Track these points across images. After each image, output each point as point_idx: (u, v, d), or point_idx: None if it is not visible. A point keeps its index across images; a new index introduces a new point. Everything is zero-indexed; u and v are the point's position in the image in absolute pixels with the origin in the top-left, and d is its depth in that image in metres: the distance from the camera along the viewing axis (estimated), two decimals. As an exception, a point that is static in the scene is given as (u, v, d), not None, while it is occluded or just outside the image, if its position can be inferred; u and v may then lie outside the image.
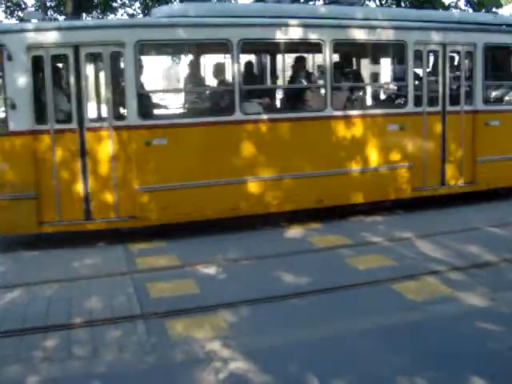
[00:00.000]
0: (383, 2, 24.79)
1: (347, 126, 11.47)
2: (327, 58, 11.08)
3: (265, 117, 10.93)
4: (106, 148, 9.86)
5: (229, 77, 10.88)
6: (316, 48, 11.62)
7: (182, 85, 12.30)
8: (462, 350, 5.78)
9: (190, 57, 13.50)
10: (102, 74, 10.42)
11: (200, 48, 12.21)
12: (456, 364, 5.45)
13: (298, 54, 12.64)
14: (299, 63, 12.34)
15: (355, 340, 6.08)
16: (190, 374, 5.41)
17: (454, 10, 22.66)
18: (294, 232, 10.84)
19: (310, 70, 13.07)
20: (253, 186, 10.79)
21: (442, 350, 5.77)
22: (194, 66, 12.75)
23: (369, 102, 12.97)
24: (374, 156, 11.72)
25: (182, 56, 13.67)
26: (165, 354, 5.99)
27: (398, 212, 12.24)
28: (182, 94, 12.32)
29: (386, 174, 11.87)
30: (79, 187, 9.81)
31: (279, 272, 8.43)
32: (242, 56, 10.71)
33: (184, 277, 8.37)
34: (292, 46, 12.24)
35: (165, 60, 13.16)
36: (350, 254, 9.31)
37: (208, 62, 12.78)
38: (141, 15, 23.80)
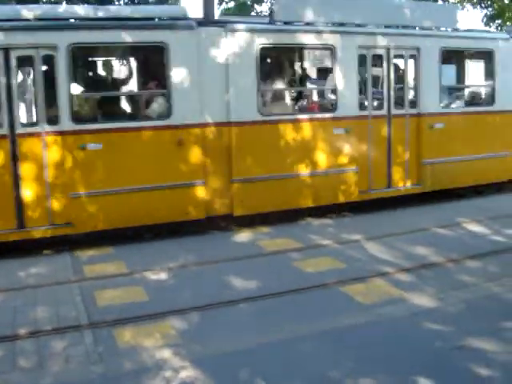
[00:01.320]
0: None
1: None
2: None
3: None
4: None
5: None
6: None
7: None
8: (409, 351, 5.85)
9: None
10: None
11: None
12: (404, 365, 5.51)
13: None
14: None
15: (304, 344, 6.08)
16: (138, 383, 5.33)
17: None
18: (244, 236, 10.82)
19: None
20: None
21: (390, 351, 5.83)
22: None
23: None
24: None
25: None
26: (113, 363, 5.89)
27: (347, 214, 12.34)
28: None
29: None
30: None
31: (228, 277, 8.39)
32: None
33: (132, 284, 8.26)
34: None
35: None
36: (299, 257, 9.33)
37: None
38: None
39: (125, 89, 12.26)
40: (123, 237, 10.40)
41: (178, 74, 10.36)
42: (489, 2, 21.74)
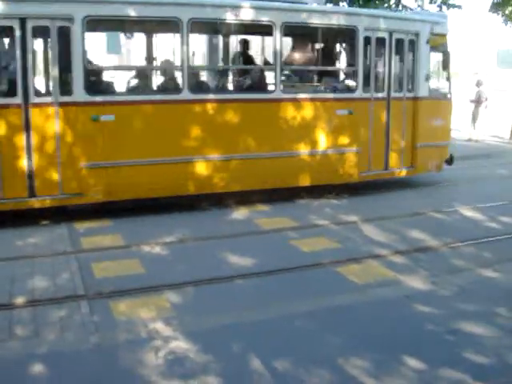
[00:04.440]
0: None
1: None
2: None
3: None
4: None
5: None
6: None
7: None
8: (401, 332, 5.91)
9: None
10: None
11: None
12: (395, 346, 5.57)
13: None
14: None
15: (298, 321, 6.14)
16: (131, 353, 5.39)
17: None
18: (241, 213, 10.88)
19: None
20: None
21: (382, 332, 5.89)
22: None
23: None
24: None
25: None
26: (108, 333, 5.96)
27: (345, 196, 12.39)
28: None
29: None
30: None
31: (225, 253, 8.45)
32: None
33: (129, 257, 8.33)
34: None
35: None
36: (295, 236, 9.39)
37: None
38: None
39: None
40: (121, 210, 10.45)
41: None
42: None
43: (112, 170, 10.12)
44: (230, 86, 13.08)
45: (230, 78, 13.26)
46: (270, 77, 11.83)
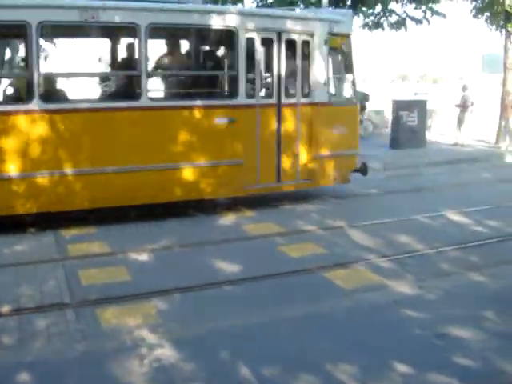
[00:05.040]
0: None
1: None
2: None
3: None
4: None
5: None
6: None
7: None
8: (389, 337, 5.91)
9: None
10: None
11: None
12: (383, 351, 5.56)
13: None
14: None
15: (285, 327, 6.13)
16: (118, 361, 5.36)
17: None
18: (228, 219, 10.87)
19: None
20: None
21: (369, 337, 5.88)
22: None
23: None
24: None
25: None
26: (94, 341, 5.93)
27: (331, 201, 12.41)
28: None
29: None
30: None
31: (212, 259, 8.44)
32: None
33: (116, 264, 8.29)
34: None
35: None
36: (282, 242, 9.39)
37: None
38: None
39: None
40: (106, 217, 10.40)
41: None
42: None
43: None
44: (92, 94, 11.64)
45: (91, 84, 12.24)
46: (137, 83, 10.47)
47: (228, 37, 11.36)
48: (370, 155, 18.23)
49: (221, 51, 12.71)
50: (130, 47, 10.93)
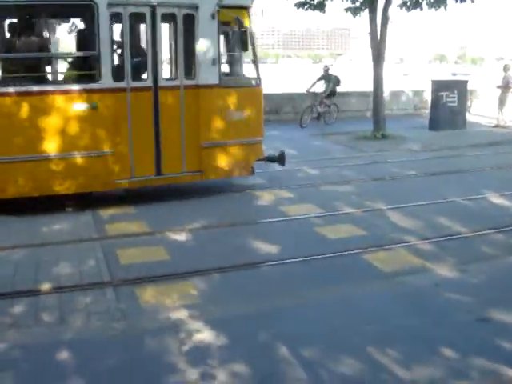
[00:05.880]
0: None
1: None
2: None
3: None
4: None
5: None
6: None
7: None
8: (431, 321, 5.80)
9: None
10: None
11: None
12: (425, 335, 5.47)
13: None
14: None
15: (325, 310, 6.08)
16: (156, 341, 5.37)
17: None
18: (265, 199, 10.80)
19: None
20: None
21: (411, 321, 5.79)
22: None
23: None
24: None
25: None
26: (133, 321, 5.96)
27: (367, 181, 12.29)
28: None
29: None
30: None
31: (250, 240, 8.41)
32: None
33: (154, 243, 8.31)
34: None
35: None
36: (320, 223, 9.30)
37: None
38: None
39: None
40: (144, 197, 10.43)
41: None
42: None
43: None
44: None
45: None
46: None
47: (86, 13, 10.07)
48: (408, 136, 18.14)
49: (78, 29, 11.38)
50: None
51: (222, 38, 11.27)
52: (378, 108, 18.72)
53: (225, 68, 11.48)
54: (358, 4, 18.62)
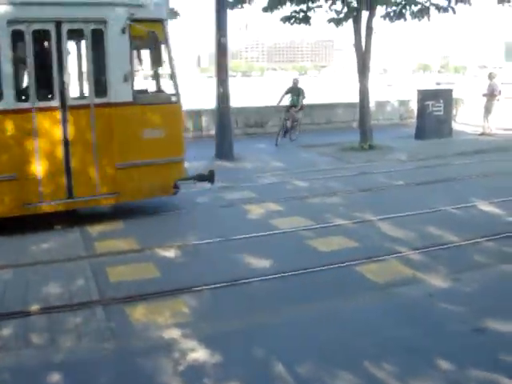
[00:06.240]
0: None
1: None
2: None
3: None
4: None
5: None
6: None
7: None
8: (426, 333, 5.75)
9: None
10: None
11: None
12: (421, 348, 5.42)
13: None
14: None
15: (319, 324, 6.01)
16: (148, 360, 5.29)
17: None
18: (255, 213, 10.74)
19: None
20: None
21: (406, 333, 5.74)
22: None
23: None
24: None
25: None
26: (125, 340, 5.88)
27: (355, 192, 12.27)
28: None
29: None
30: None
31: (240, 254, 8.32)
32: None
33: (144, 260, 8.23)
34: None
35: None
36: (311, 235, 9.24)
37: None
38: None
39: None
40: (133, 212, 10.35)
41: None
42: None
43: None
44: None
45: None
46: None
47: None
48: (395, 146, 18.18)
49: None
50: None
51: (136, 53, 11.01)
52: (364, 118, 18.75)
53: (141, 85, 11.13)
54: (342, 15, 18.64)
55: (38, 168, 9.61)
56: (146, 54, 11.13)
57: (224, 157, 16.30)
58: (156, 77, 11.29)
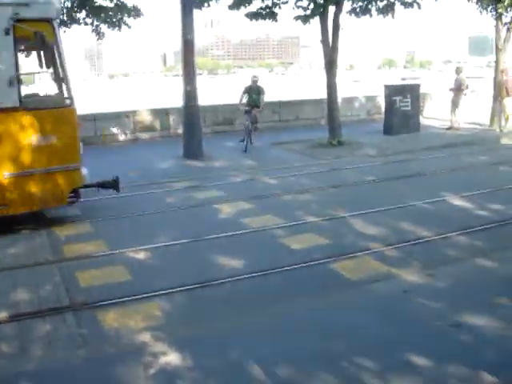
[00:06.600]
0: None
1: None
2: None
3: None
4: None
5: None
6: None
7: None
8: (403, 329, 5.73)
9: None
10: None
11: None
12: (398, 344, 5.38)
13: None
14: None
15: (294, 324, 5.94)
16: (121, 366, 5.18)
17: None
18: (226, 212, 10.64)
19: None
20: None
21: (382, 330, 5.70)
22: None
23: None
24: None
25: None
26: (97, 346, 5.74)
27: (326, 189, 12.23)
28: None
29: None
30: None
31: (213, 255, 8.22)
32: None
33: (114, 263, 8.07)
34: None
35: None
36: (284, 233, 9.17)
37: None
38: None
39: None
40: (100, 214, 10.20)
41: None
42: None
43: None
44: None
45: None
46: None
47: None
48: (364, 142, 18.19)
49: None
50: None
51: (23, 55, 10.41)
52: (332, 115, 18.72)
53: (30, 89, 10.47)
54: (308, 12, 18.57)
55: None
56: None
57: (193, 156, 16.15)
58: (50, 79, 10.39)
